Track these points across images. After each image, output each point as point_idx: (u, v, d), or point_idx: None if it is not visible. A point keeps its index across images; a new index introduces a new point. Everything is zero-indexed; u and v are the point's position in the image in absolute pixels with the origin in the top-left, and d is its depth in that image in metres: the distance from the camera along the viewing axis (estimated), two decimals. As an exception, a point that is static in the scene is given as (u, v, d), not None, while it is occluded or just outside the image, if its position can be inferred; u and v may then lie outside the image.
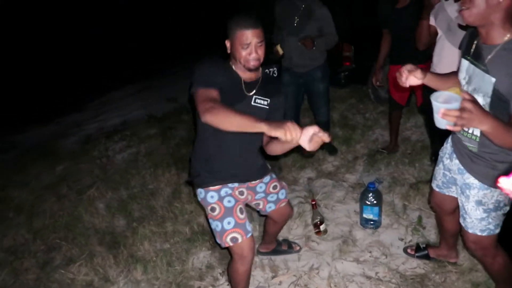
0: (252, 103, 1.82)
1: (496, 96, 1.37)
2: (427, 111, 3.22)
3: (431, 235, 2.56)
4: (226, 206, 1.86)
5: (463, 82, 1.54)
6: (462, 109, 1.17)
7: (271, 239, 2.49)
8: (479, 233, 1.70)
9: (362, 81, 4.66)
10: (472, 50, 1.50)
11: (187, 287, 2.39)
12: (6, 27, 9.99)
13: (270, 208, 2.15)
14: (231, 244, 1.85)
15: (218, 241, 1.89)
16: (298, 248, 2.57)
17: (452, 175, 1.82)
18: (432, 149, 3.41)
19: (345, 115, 4.54)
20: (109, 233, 2.99)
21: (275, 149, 1.88)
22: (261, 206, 2.15)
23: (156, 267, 2.54)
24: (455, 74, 1.69)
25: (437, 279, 2.22)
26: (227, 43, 1.75)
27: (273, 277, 2.38)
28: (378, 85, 3.61)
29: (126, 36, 10.33)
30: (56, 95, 7.70)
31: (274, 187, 2.11)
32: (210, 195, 1.88)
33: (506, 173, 1.46)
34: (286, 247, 2.55)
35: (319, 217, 2.66)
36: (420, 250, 2.35)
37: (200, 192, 1.91)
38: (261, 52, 1.71)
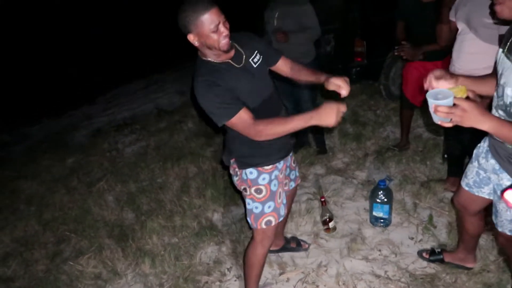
0: (255, 68, 1.77)
1: None
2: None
3: (442, 234, 2.52)
4: (272, 190, 1.88)
5: (498, 75, 1.48)
6: (455, 107, 1.19)
7: (280, 230, 2.47)
8: (508, 233, 1.69)
9: (374, 77, 4.60)
10: (508, 43, 1.44)
11: (195, 282, 2.39)
12: (17, 22, 10.08)
13: (291, 186, 2.18)
14: (264, 227, 1.90)
15: (250, 221, 1.92)
16: (306, 246, 2.55)
17: (487, 174, 1.77)
18: (444, 147, 3.35)
19: (356, 111, 4.48)
20: (117, 226, 3.01)
21: (303, 77, 1.94)
22: (284, 185, 2.12)
23: (164, 261, 2.55)
24: (492, 76, 1.61)
25: (447, 279, 2.18)
26: (191, 38, 1.60)
27: (280, 274, 2.36)
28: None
29: (136, 30, 10.35)
30: (69, 88, 7.77)
31: (294, 162, 2.15)
32: (262, 177, 1.86)
33: None
34: (295, 244, 2.54)
35: (328, 214, 2.63)
36: (434, 254, 2.30)
37: (251, 172, 1.86)
38: (228, 27, 1.62)
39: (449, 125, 1.27)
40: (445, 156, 3.29)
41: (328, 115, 1.56)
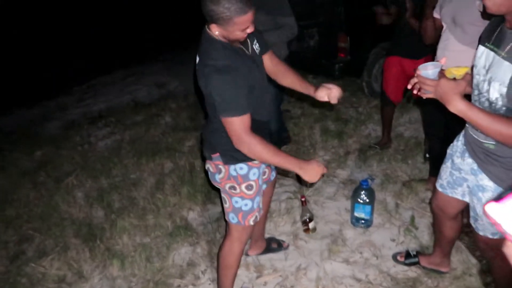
0: (258, 56, 1.70)
1: None
2: (424, 103, 3.13)
3: (424, 236, 2.46)
4: (260, 185, 1.81)
5: (482, 71, 1.40)
6: (434, 80, 1.30)
7: (261, 231, 2.36)
8: (490, 236, 1.61)
9: (357, 74, 4.52)
10: (493, 37, 1.37)
11: (166, 286, 2.25)
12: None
13: (273, 176, 2.10)
14: (252, 224, 1.83)
15: (238, 219, 1.81)
16: (286, 244, 2.46)
17: (462, 175, 1.69)
18: (426, 146, 3.30)
19: (338, 108, 4.39)
20: (86, 224, 2.83)
21: (286, 81, 1.89)
22: (266, 175, 2.03)
23: (134, 263, 2.40)
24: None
25: (429, 283, 2.12)
26: (214, 28, 1.49)
27: (257, 277, 2.25)
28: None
29: (117, 21, 10.03)
30: (44, 77, 7.44)
31: None
32: (253, 172, 1.75)
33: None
34: (276, 245, 2.43)
35: (308, 214, 2.53)
36: (410, 257, 2.24)
37: (242, 167, 1.72)
38: (253, 28, 1.55)
39: (424, 95, 1.39)
40: (427, 155, 3.24)
41: (313, 174, 1.61)
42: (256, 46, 1.69)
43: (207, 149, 1.80)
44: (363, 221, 2.54)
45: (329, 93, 1.78)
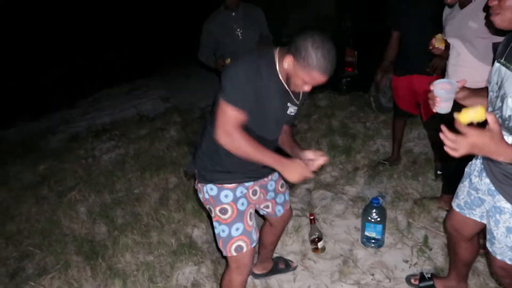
0: (287, 114, 1.66)
1: None
2: (433, 126, 3.05)
3: (438, 257, 2.36)
4: (239, 209, 1.67)
5: (495, 87, 1.34)
6: (464, 137, 1.08)
7: (268, 254, 2.27)
8: (508, 262, 1.51)
9: (364, 88, 4.47)
10: (506, 52, 1.33)
11: (170, 307, 2.17)
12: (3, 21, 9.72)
13: (279, 211, 1.96)
14: (234, 254, 1.67)
15: (221, 247, 1.70)
16: (295, 265, 2.36)
17: (479, 195, 1.61)
18: (437, 163, 3.23)
19: (345, 123, 4.34)
20: (88, 241, 2.76)
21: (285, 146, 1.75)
22: (269, 209, 1.94)
23: (136, 283, 2.32)
24: (486, 90, 1.49)
25: (445, 308, 2.01)
26: (290, 59, 1.46)
27: (265, 299, 2.16)
28: (379, 86, 3.37)
29: (123, 34, 10.11)
30: (50, 89, 7.47)
31: (282, 186, 1.94)
32: (224, 194, 1.65)
33: None
34: (284, 265, 2.34)
35: (317, 233, 2.44)
36: (424, 280, 2.13)
37: (212, 188, 1.66)
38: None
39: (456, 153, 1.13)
40: (438, 172, 3.16)
41: (294, 173, 1.50)
42: (291, 110, 1.66)
43: (191, 164, 1.78)
44: (374, 241, 2.45)
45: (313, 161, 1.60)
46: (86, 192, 3.40)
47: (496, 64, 1.39)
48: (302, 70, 1.43)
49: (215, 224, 1.70)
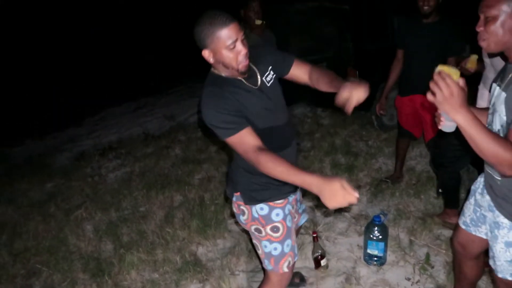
0: (269, 88, 1.61)
1: (507, 114, 1.31)
2: (436, 145, 3.10)
3: (440, 275, 2.37)
4: (288, 226, 1.70)
5: (490, 105, 1.44)
6: (446, 85, 1.17)
7: None
8: (509, 278, 1.53)
9: (366, 107, 4.54)
10: (501, 74, 1.43)
11: (175, 325, 2.19)
12: (6, 32, 9.93)
13: (301, 222, 2.00)
14: (286, 270, 1.71)
15: (271, 265, 1.71)
16: (310, 280, 2.39)
17: (482, 212, 1.65)
18: (439, 181, 3.26)
19: (348, 141, 4.40)
20: (94, 258, 2.80)
21: (323, 87, 1.65)
22: (295, 219, 1.95)
23: (142, 300, 2.35)
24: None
25: (448, 326, 2.03)
26: (206, 54, 1.47)
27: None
28: (381, 113, 3.41)
29: (129, 52, 10.32)
30: (57, 108, 7.60)
31: (300, 197, 1.97)
32: (275, 213, 1.67)
33: None
34: (299, 279, 2.37)
35: (320, 251, 2.48)
36: None
37: (262, 208, 1.66)
38: (247, 45, 1.49)
39: (430, 98, 1.23)
40: (440, 190, 3.20)
41: (332, 198, 1.23)
42: (268, 78, 1.63)
43: (229, 188, 1.77)
44: (376, 259, 2.48)
45: (350, 96, 1.44)
46: (93, 210, 3.45)
47: (493, 85, 1.47)
48: (215, 44, 1.43)
49: (264, 243, 1.70)
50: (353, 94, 1.42)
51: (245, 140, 1.46)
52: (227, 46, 1.43)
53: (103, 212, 3.42)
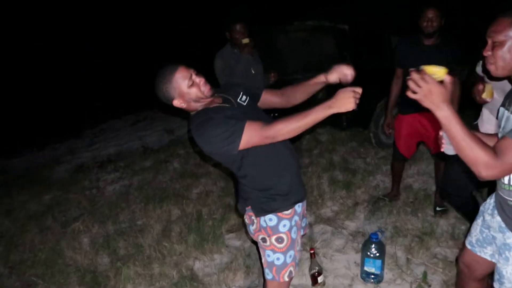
0: (246, 106, 1.77)
1: None
2: (448, 161, 3.10)
3: (437, 294, 2.38)
4: (292, 237, 1.77)
5: (499, 129, 1.46)
6: (425, 82, 1.20)
7: None
8: None
9: (364, 124, 4.59)
10: (509, 98, 1.45)
11: None
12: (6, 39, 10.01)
13: (300, 234, 2.02)
14: (287, 280, 1.79)
15: (272, 274, 1.79)
16: None
17: (491, 233, 1.65)
18: (436, 199, 3.28)
19: (346, 158, 4.43)
20: (90, 272, 2.79)
21: (301, 96, 1.92)
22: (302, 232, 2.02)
23: (137, 315, 2.33)
24: (496, 136, 1.58)
25: None
26: (177, 102, 1.66)
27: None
28: (390, 133, 3.38)
29: (129, 65, 10.42)
30: (56, 119, 7.63)
31: (304, 209, 2.00)
32: (283, 223, 1.75)
33: None
34: None
35: (317, 268, 2.48)
36: None
37: (271, 219, 1.74)
38: (201, 75, 1.67)
39: (411, 95, 1.27)
40: (437, 208, 3.22)
41: (346, 100, 1.50)
42: (242, 99, 1.78)
43: (241, 204, 1.86)
44: (373, 276, 2.48)
45: (341, 74, 1.82)
46: (90, 223, 3.44)
47: (501, 109, 1.49)
48: (177, 89, 1.62)
49: (268, 252, 1.78)
50: (340, 71, 1.80)
51: (253, 126, 1.56)
52: (189, 85, 1.62)
53: (100, 225, 3.41)
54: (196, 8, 12.00)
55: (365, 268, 2.48)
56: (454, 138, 1.25)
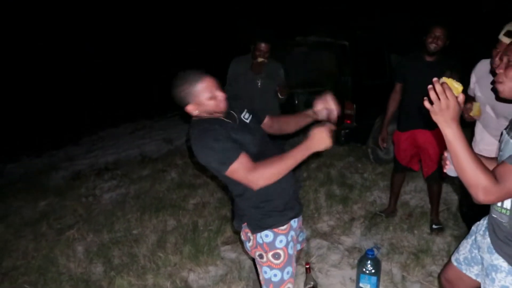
0: (248, 123, 1.79)
1: None
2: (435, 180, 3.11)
3: (432, 313, 2.36)
4: (289, 253, 1.77)
5: (498, 151, 1.46)
6: (445, 98, 1.19)
7: None
8: None
9: (362, 140, 4.61)
10: (511, 123, 1.44)
11: None
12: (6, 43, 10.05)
13: (297, 249, 2.03)
14: None
15: None
16: None
17: (480, 253, 1.65)
18: (432, 216, 3.28)
19: (343, 173, 4.44)
20: (83, 281, 2.76)
21: (291, 127, 2.00)
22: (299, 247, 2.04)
23: (129, 326, 2.31)
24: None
25: None
26: (190, 108, 1.66)
27: None
28: (384, 146, 3.41)
29: (130, 74, 10.47)
30: (55, 126, 7.63)
31: (301, 223, 2.01)
32: (279, 239, 1.74)
33: None
34: None
35: (312, 283, 2.46)
36: None
37: (267, 235, 1.74)
38: (224, 94, 1.68)
39: (428, 106, 1.25)
40: (433, 226, 3.21)
41: (322, 140, 1.60)
42: (245, 116, 1.81)
43: (236, 221, 1.87)
44: (368, 293, 2.46)
45: (327, 109, 1.88)
46: (85, 231, 3.43)
47: (504, 131, 1.49)
48: (197, 98, 1.62)
49: (265, 269, 1.77)
50: (327, 104, 1.86)
51: (244, 162, 1.57)
52: (207, 97, 1.62)
53: (95, 234, 3.39)
54: (196, 9, 12.14)
55: (361, 285, 2.47)
56: (457, 158, 1.24)
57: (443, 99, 1.19)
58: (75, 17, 11.42)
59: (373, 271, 2.43)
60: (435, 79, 1.25)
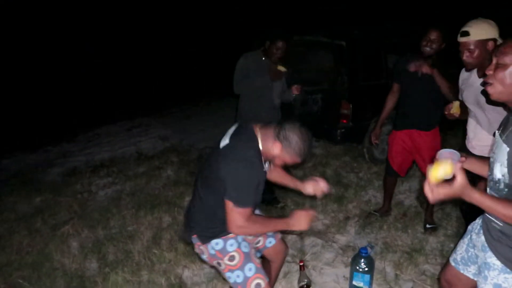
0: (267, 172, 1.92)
1: (510, 166, 1.33)
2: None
3: (424, 311, 2.38)
4: (244, 252, 1.81)
5: (491, 154, 1.48)
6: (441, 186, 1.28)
7: None
8: None
9: (358, 140, 4.63)
10: (503, 125, 1.46)
11: None
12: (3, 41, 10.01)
13: (270, 243, 2.07)
14: None
15: None
16: None
17: (475, 251, 1.68)
18: (426, 216, 3.31)
19: (339, 172, 4.45)
20: (78, 276, 2.76)
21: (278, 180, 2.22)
22: (261, 243, 2.06)
23: (123, 322, 2.31)
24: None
25: None
26: (279, 146, 1.73)
27: None
28: (375, 142, 3.43)
29: (129, 71, 10.44)
30: (51, 121, 7.59)
31: None
32: (229, 244, 1.81)
33: None
34: None
35: (306, 280, 2.48)
36: None
37: (217, 243, 1.81)
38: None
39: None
40: (427, 226, 3.24)
41: (302, 222, 1.80)
42: (266, 166, 1.90)
43: (187, 232, 1.90)
44: (361, 291, 2.48)
45: (315, 187, 2.11)
46: (80, 227, 3.42)
47: (496, 132, 1.51)
48: (289, 156, 1.71)
49: (228, 274, 1.81)
50: (318, 187, 2.12)
51: (248, 213, 1.69)
52: (285, 162, 1.77)
53: (90, 230, 3.39)
54: (196, 9, 12.14)
55: (354, 283, 2.49)
56: (491, 210, 1.31)
57: (431, 196, 1.29)
58: (75, 17, 11.39)
59: (366, 269, 2.45)
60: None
